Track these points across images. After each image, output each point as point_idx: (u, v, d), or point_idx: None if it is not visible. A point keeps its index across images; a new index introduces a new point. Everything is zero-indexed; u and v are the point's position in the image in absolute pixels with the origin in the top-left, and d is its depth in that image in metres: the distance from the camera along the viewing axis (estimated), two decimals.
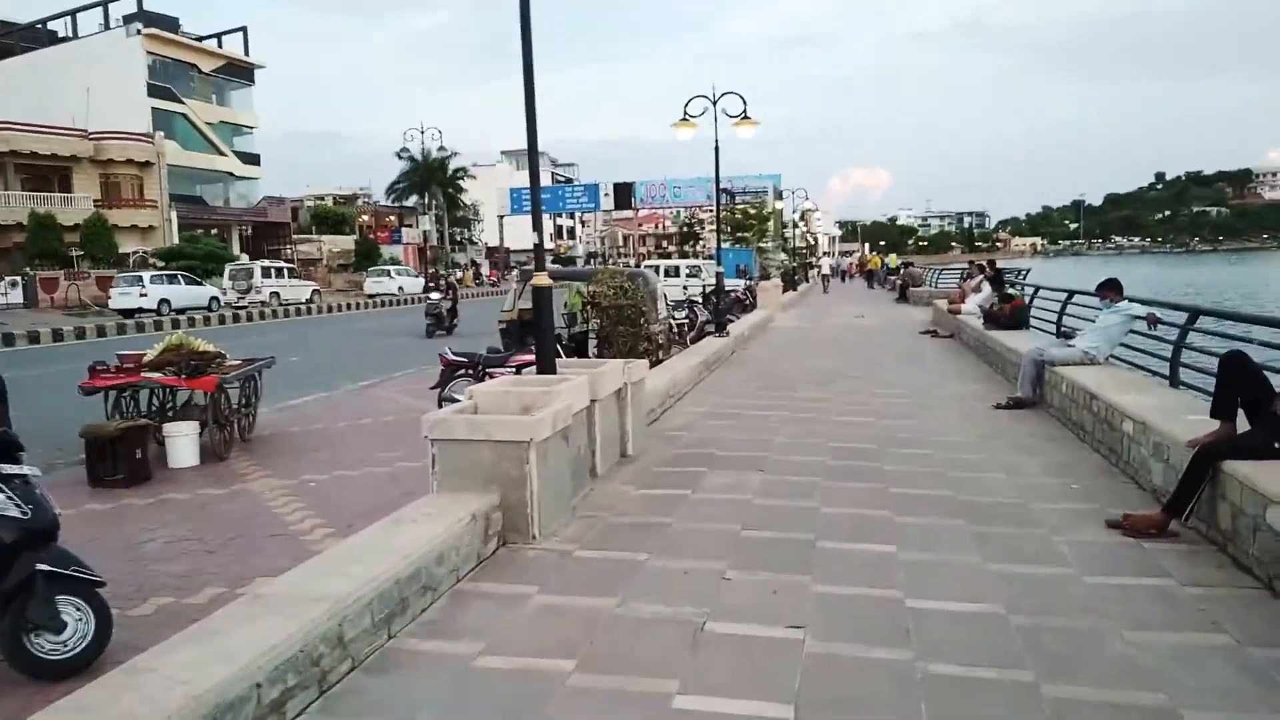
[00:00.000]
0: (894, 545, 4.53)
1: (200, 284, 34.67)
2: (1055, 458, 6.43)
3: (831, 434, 7.41)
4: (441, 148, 49.87)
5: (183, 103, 50.59)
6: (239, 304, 34.92)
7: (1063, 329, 10.63)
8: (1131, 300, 8.07)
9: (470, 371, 9.55)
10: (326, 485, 7.00)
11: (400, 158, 63.40)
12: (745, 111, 14.23)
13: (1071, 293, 10.69)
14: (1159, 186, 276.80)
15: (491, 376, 9.46)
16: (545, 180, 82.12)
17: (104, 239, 40.07)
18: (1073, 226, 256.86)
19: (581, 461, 5.57)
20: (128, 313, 30.31)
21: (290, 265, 44.92)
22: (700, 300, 17.33)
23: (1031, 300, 12.46)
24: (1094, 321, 8.47)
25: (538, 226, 5.94)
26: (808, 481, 5.84)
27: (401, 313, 34.66)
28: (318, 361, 16.77)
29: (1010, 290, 12.52)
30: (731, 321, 18.61)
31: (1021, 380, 8.46)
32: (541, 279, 5.89)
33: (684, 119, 14.10)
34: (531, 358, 9.41)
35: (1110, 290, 8.08)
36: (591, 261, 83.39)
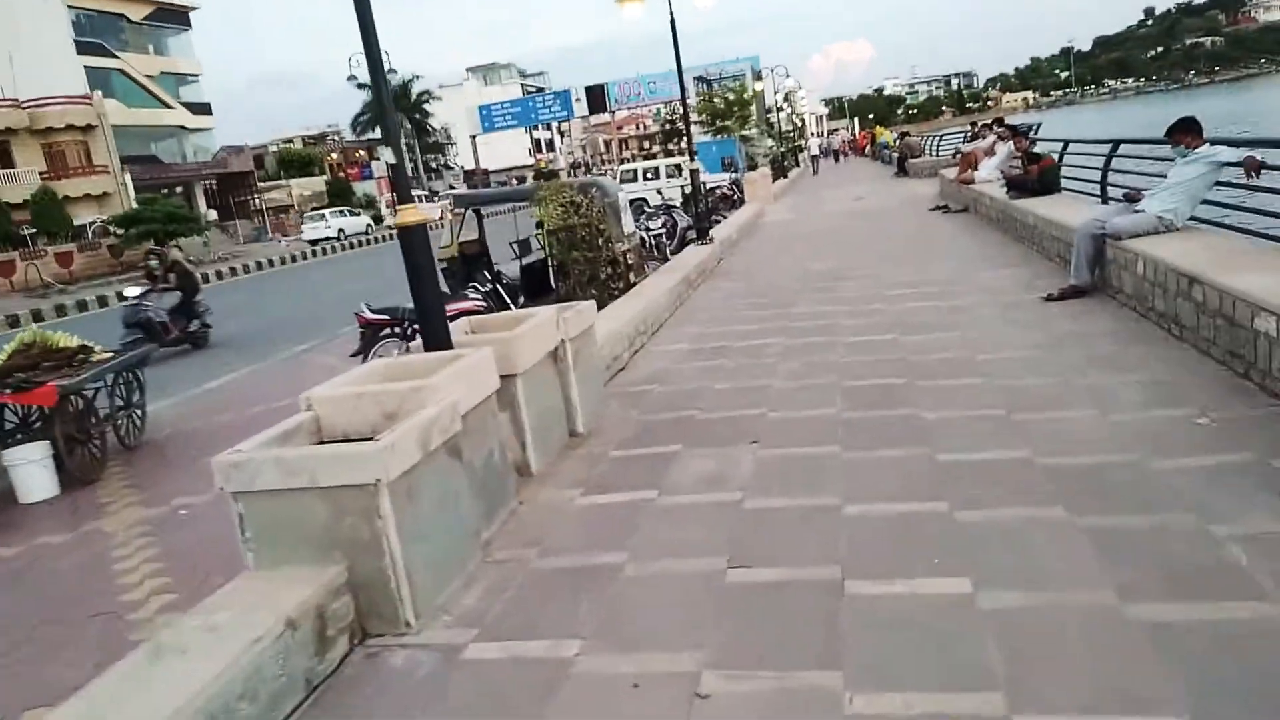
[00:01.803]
0: (966, 575, 2.87)
1: (359, 215, 46.40)
2: (1154, 373, 4.70)
3: (844, 367, 5.69)
4: (391, 69, 46.50)
5: (117, 57, 47.46)
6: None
7: (1108, 190, 8.76)
8: (1216, 142, 6.20)
9: (396, 330, 7.84)
10: (201, 512, 5.39)
11: (362, 88, 60.37)
12: None
13: (1117, 143, 8.75)
14: (1149, 23, 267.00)
15: (416, 335, 7.77)
16: (515, 93, 78.74)
17: (55, 212, 37.97)
18: (1064, 75, 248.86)
19: (495, 473, 3.89)
20: (315, 241, 39.51)
21: (349, 208, 49.50)
22: (679, 204, 15.35)
23: (1060, 158, 10.53)
24: (1164, 177, 6.61)
25: (390, 141, 4.10)
26: (819, 455, 4.15)
27: (379, 251, 32.82)
28: (259, 326, 15.02)
29: (1036, 149, 10.58)
30: (718, 223, 16.74)
31: (1076, 261, 6.68)
32: (409, 213, 4.09)
33: None
34: (469, 305, 7.67)
35: (1186, 133, 6.21)
36: (575, 172, 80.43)
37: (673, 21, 11.99)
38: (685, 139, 15.38)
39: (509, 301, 7.85)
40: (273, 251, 39.21)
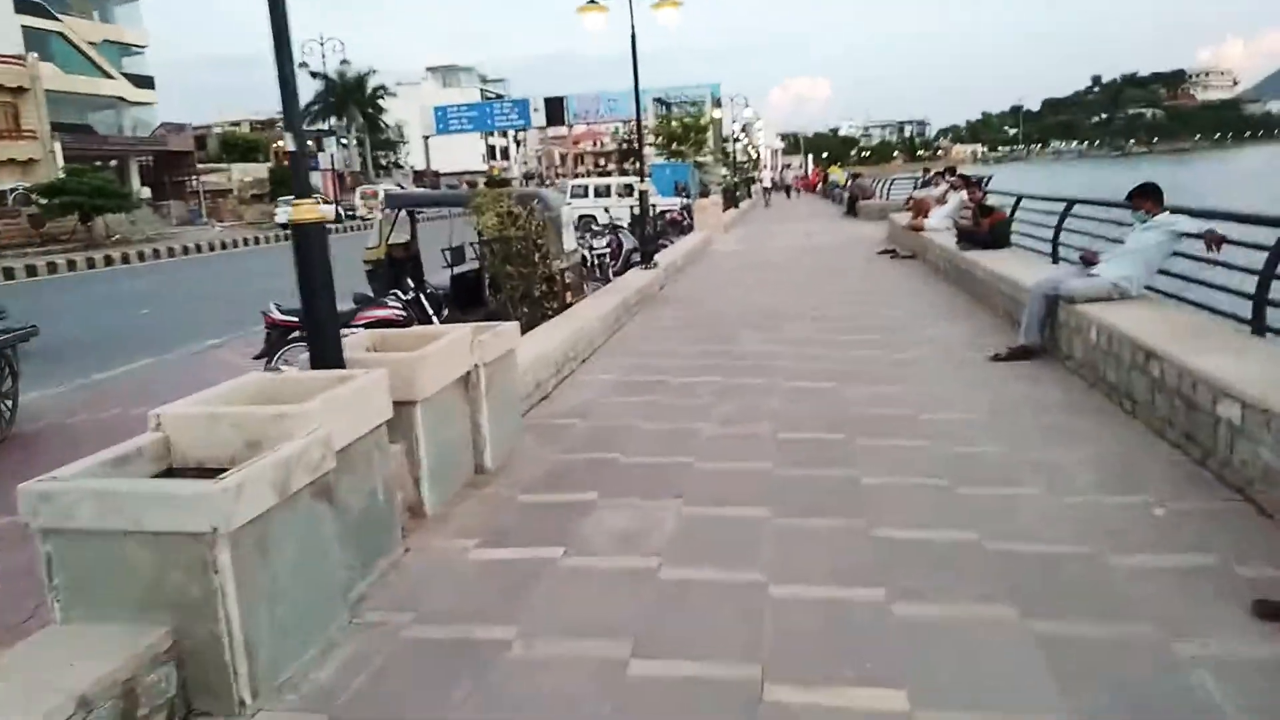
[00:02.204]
0: (902, 686, 2.48)
1: (330, 204, 41.11)
2: (1105, 450, 4.41)
3: (782, 414, 5.31)
4: (344, 60, 45.66)
5: (59, 20, 45.50)
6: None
7: (1059, 250, 8.62)
8: (1176, 211, 6.02)
9: (303, 334, 7.23)
10: None
11: (314, 77, 59.07)
12: None
13: (1071, 203, 8.62)
14: (1095, 90, 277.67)
15: None
16: (474, 97, 77.95)
17: None
18: (1012, 132, 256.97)
19: (377, 517, 3.38)
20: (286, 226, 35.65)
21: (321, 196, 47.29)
22: (625, 225, 14.97)
23: (1012, 213, 10.43)
24: (1118, 241, 6.43)
25: (291, 126, 3.60)
26: (748, 519, 3.73)
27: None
28: (173, 314, 14.17)
29: (989, 202, 10.47)
30: (665, 246, 16.41)
31: (1027, 321, 6.44)
32: (305, 210, 3.58)
33: (592, 2, 11.53)
34: (386, 313, 7.13)
35: (1146, 198, 6.03)
36: (527, 183, 79.77)
37: (633, 38, 11.64)
38: (641, 160, 15.07)
39: (431, 313, 7.34)
40: (206, 236, 37.79)
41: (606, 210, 19.00)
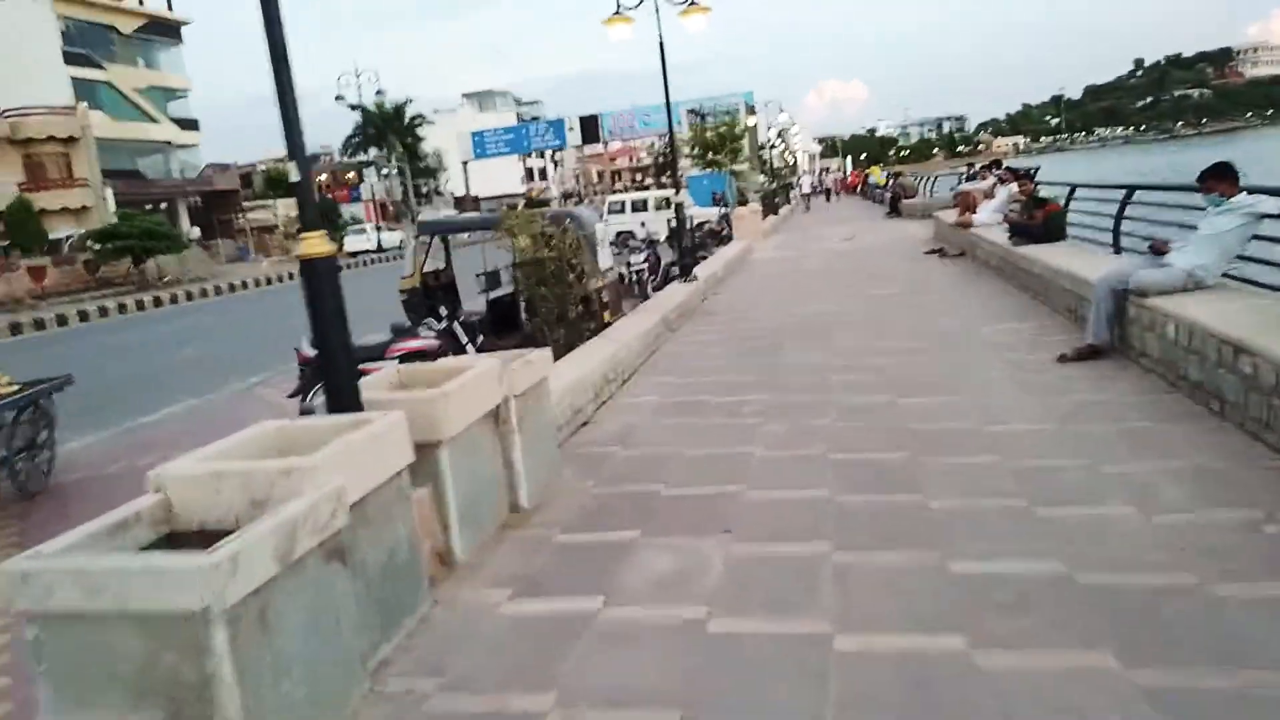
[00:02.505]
0: None
1: (394, 230, 49.06)
2: (1197, 460, 3.99)
3: (836, 434, 4.96)
4: (380, 91, 46.29)
5: (105, 69, 46.87)
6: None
7: (1121, 240, 8.12)
8: (1254, 191, 5.55)
9: None
10: None
11: (353, 109, 60.00)
12: None
13: (1131, 189, 8.12)
14: (1139, 74, 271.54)
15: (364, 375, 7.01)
16: (509, 120, 78.53)
17: (30, 225, 37.13)
18: (1054, 122, 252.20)
19: (400, 573, 3.13)
20: (356, 254, 42.65)
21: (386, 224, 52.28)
22: (663, 239, 14.68)
23: (1066, 203, 9.92)
24: (1189, 227, 5.97)
25: (295, 155, 3.38)
26: (805, 556, 3.40)
27: (375, 272, 32.16)
28: (217, 352, 14.22)
29: (1041, 194, 9.97)
30: (705, 258, 16.11)
31: (1094, 318, 6.00)
32: (313, 243, 3.35)
33: (617, 12, 11.30)
34: (419, 344, 6.93)
35: (1221, 179, 5.57)
36: (566, 202, 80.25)
37: (661, 47, 11.39)
38: (675, 172, 14.80)
39: (465, 341, 7.13)
40: (254, 272, 38.47)
41: (643, 225, 18.73)
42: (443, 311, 7.28)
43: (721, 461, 4.69)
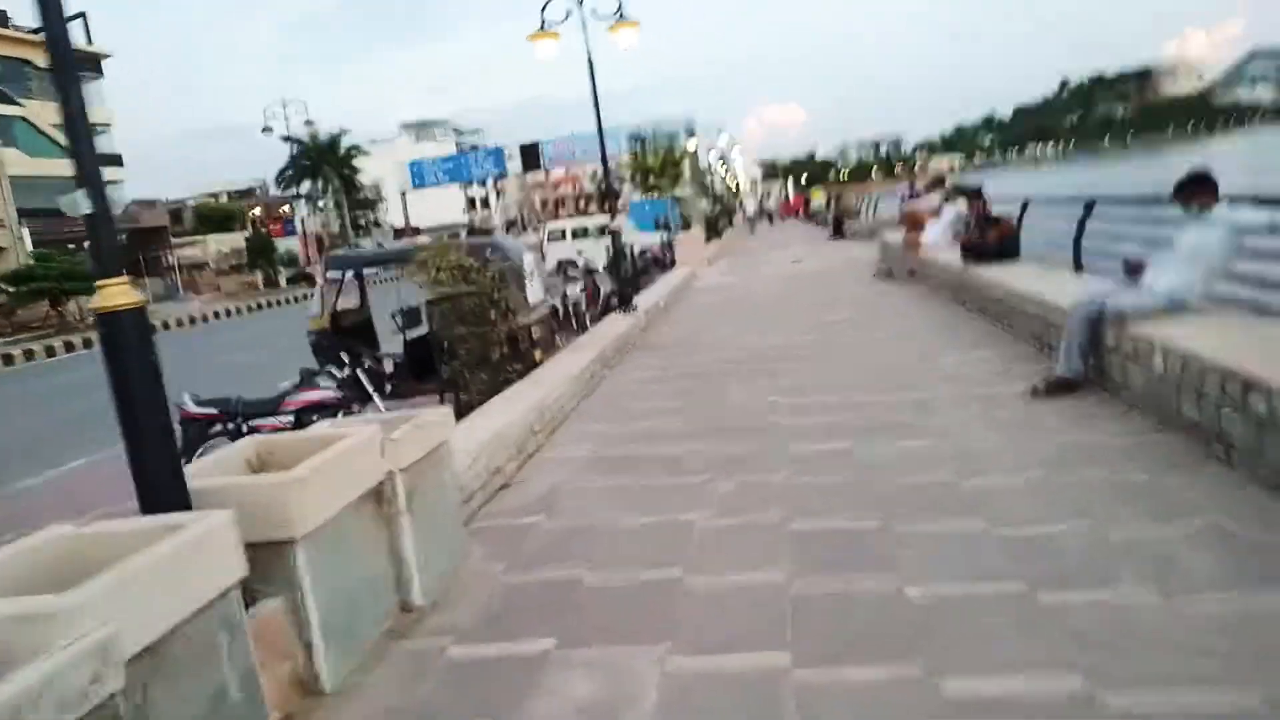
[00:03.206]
0: None
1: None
2: (1214, 517, 3.37)
3: (791, 494, 4.28)
4: (308, 122, 45.16)
5: (20, 104, 44.98)
6: None
7: (1081, 258, 7.65)
8: (1236, 200, 5.05)
9: (226, 427, 6.24)
10: None
11: (285, 140, 58.64)
12: (620, 9, 10.79)
13: (1090, 202, 7.65)
14: (1065, 94, 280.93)
15: (255, 433, 6.17)
16: (449, 149, 77.55)
17: None
18: (988, 141, 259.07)
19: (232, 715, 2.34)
20: None
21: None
22: (601, 267, 13.99)
23: (1019, 220, 9.48)
24: (1165, 244, 5.46)
25: (87, 183, 2.61)
26: (758, 671, 2.69)
27: (294, 313, 30.86)
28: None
29: (994, 212, 9.50)
30: (646, 287, 15.49)
31: (1066, 348, 5.44)
32: (115, 292, 2.59)
33: (542, 29, 10.64)
34: (317, 396, 6.11)
35: (1201, 191, 5.07)
36: (509, 230, 79.40)
37: (590, 64, 10.76)
38: (613, 197, 14.17)
39: (372, 390, 6.33)
40: (184, 310, 36.95)
41: (580, 253, 18.09)
42: (344, 358, 6.46)
43: (658, 534, 3.97)
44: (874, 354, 7.52)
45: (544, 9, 10.42)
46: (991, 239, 9.10)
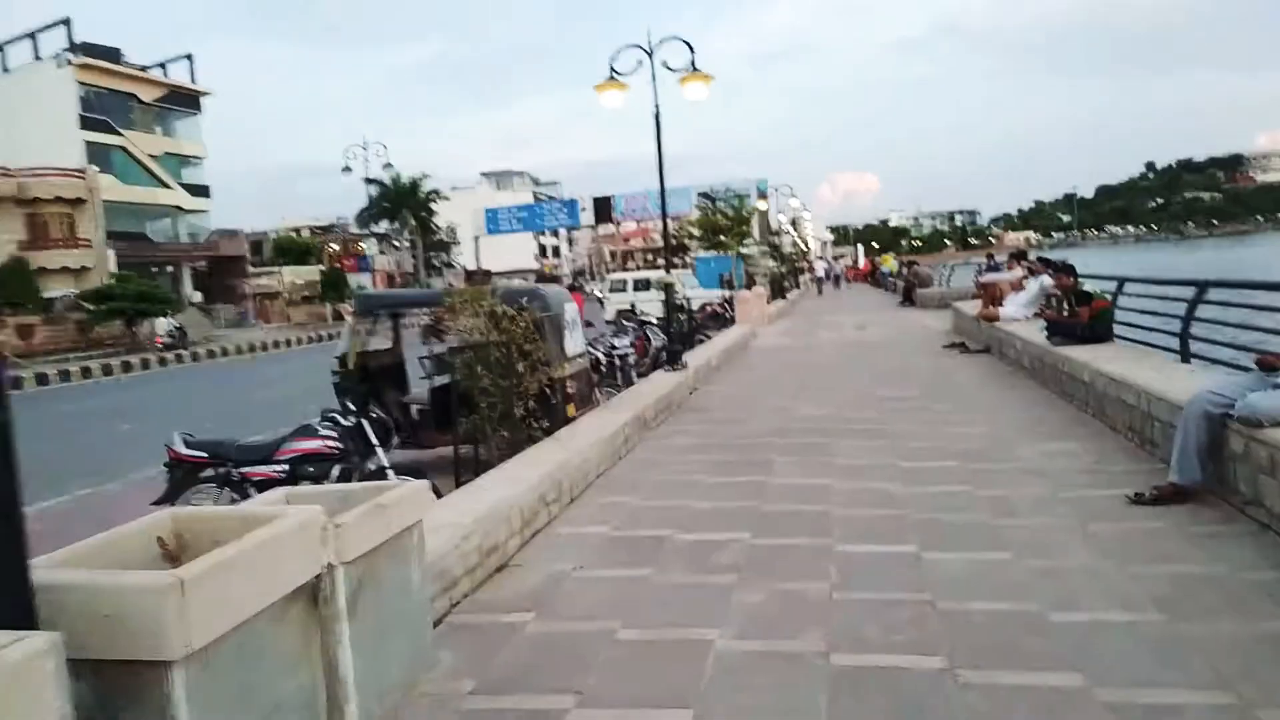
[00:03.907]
0: None
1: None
2: None
3: (835, 613, 3.48)
4: (388, 165, 45.99)
5: (121, 134, 46.93)
6: None
7: (1190, 346, 6.73)
8: None
9: (217, 473, 5.69)
10: None
11: (368, 182, 60.14)
12: (693, 62, 10.31)
13: (1204, 284, 6.74)
14: (1150, 176, 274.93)
15: (245, 481, 5.61)
16: (526, 199, 78.73)
17: (23, 282, 36.47)
18: (1066, 219, 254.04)
19: None
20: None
21: None
22: (655, 320, 13.37)
23: (1115, 299, 8.57)
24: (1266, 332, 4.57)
25: None
26: None
27: None
28: (156, 429, 12.81)
29: (1086, 287, 8.59)
30: (703, 341, 14.81)
31: (1181, 450, 4.55)
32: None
33: (611, 78, 10.20)
34: (313, 445, 5.53)
35: None
36: (578, 279, 79.93)
37: (657, 113, 10.27)
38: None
39: (376, 442, 5.71)
40: (251, 337, 37.53)
41: (633, 305, 17.50)
42: (350, 405, 5.86)
43: (666, 655, 3.21)
44: (943, 436, 6.67)
45: (613, 60, 9.98)
46: (1082, 318, 8.20)
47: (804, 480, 5.65)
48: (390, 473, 5.60)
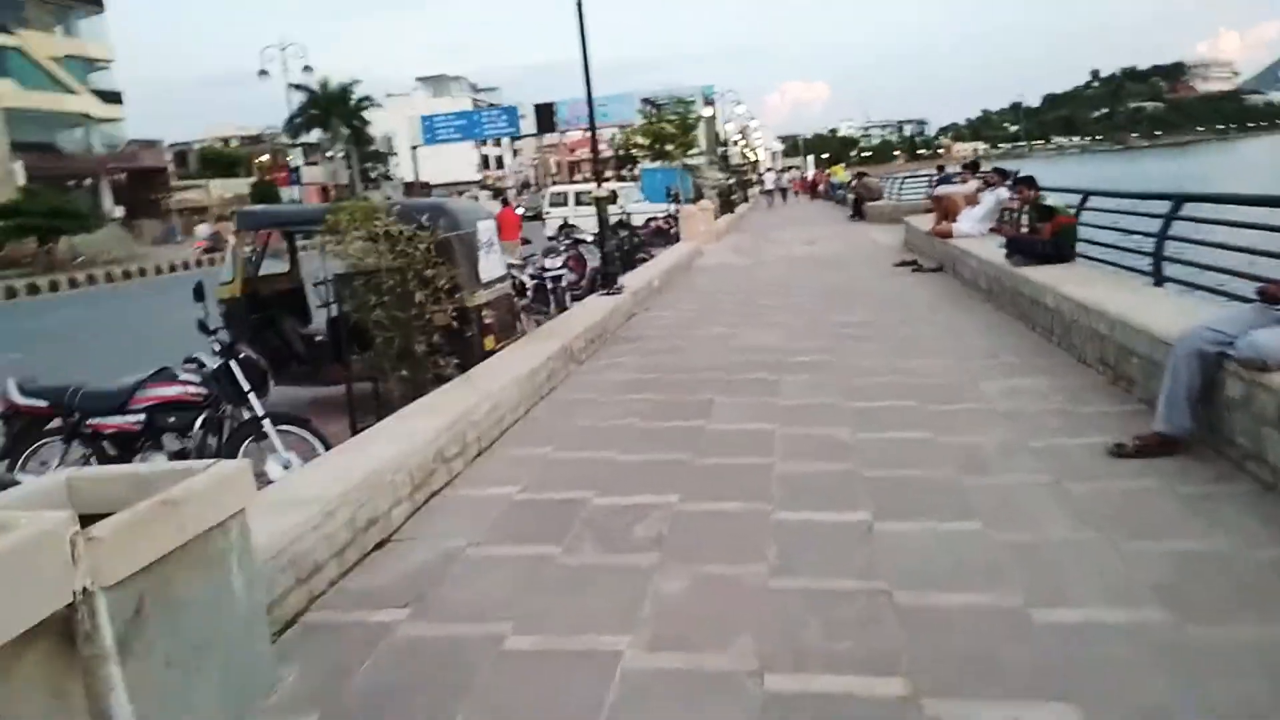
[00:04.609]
0: None
1: None
2: None
3: (772, 615, 2.84)
4: (307, 68, 43.34)
5: (14, 34, 43.29)
6: None
7: (1163, 268, 6.16)
8: None
9: (65, 423, 4.85)
10: None
11: (295, 89, 56.97)
12: None
13: (1179, 199, 6.13)
14: (1095, 84, 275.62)
15: (98, 435, 4.79)
16: (465, 106, 75.67)
17: None
18: (1013, 129, 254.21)
19: None
20: None
21: None
22: (591, 238, 12.48)
23: (1078, 214, 7.96)
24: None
25: None
26: None
27: None
28: (51, 360, 11.74)
29: (1048, 202, 7.92)
30: (644, 260, 14.04)
31: (1169, 395, 3.97)
32: None
33: None
34: (175, 392, 4.69)
35: None
36: (523, 192, 77.79)
37: (580, 8, 9.21)
38: (597, 159, 12.62)
39: (248, 387, 4.88)
40: (179, 255, 35.71)
41: (564, 221, 16.56)
42: (219, 344, 5.00)
43: (561, 674, 2.56)
44: (899, 370, 6.06)
45: None
46: (1045, 235, 7.59)
47: (744, 425, 5.00)
48: (266, 423, 4.81)
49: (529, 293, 9.29)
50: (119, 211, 46.45)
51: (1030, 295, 7.02)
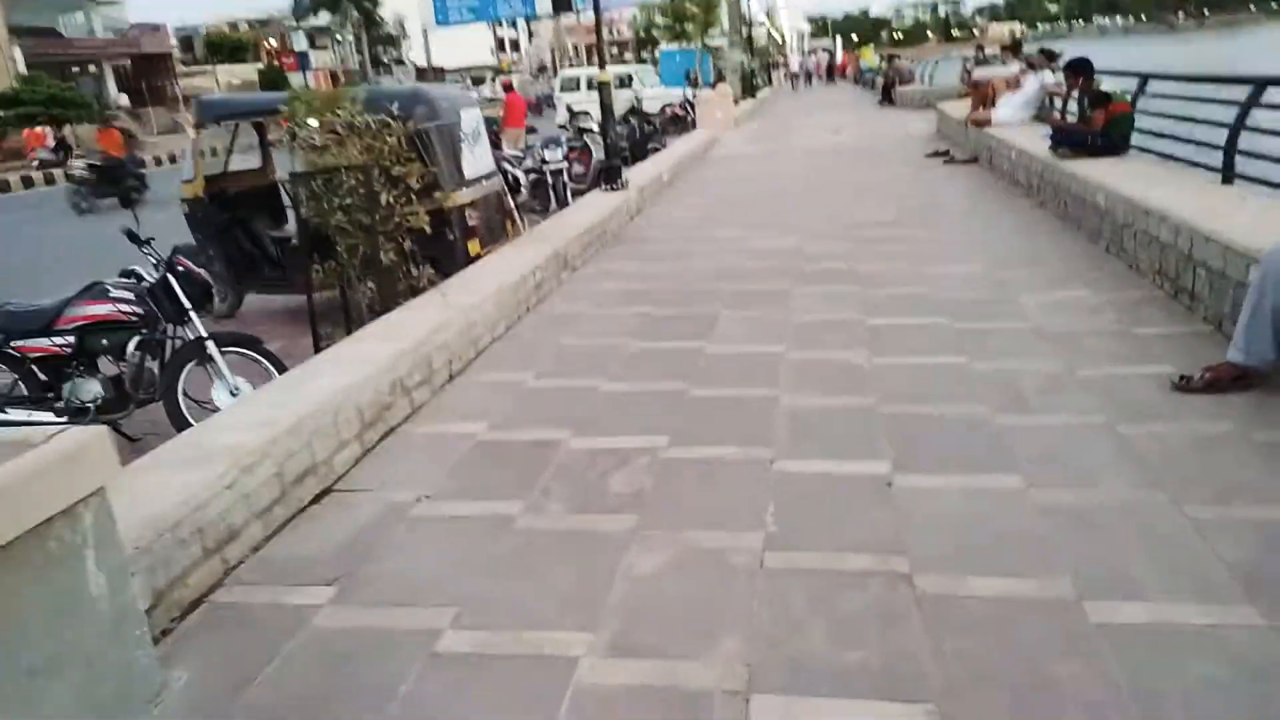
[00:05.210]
0: None
1: None
2: None
3: (767, 608, 2.34)
4: None
5: None
6: None
7: (1235, 165, 5.38)
8: None
9: None
10: None
11: None
12: None
13: (1261, 83, 5.31)
14: None
15: (24, 359, 4.30)
16: None
17: None
18: (1053, 9, 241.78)
19: None
20: None
21: None
22: (596, 128, 11.63)
23: (1135, 101, 7.11)
24: None
25: None
26: None
27: None
28: (32, 258, 11.24)
29: (1103, 89, 7.03)
30: (656, 151, 13.20)
31: (1249, 320, 3.35)
32: None
33: None
34: (105, 311, 4.16)
35: None
36: (539, 76, 75.32)
37: None
38: (600, 39, 11.56)
39: (188, 305, 4.33)
40: (186, 144, 34.72)
41: (569, 108, 15.56)
42: (152, 253, 4.42)
43: (501, 687, 2.08)
44: (926, 278, 5.41)
45: None
46: (1098, 125, 6.76)
47: (749, 347, 4.43)
48: (210, 345, 4.29)
49: (524, 189, 8.60)
50: (123, 99, 45.28)
51: (1077, 193, 6.27)
